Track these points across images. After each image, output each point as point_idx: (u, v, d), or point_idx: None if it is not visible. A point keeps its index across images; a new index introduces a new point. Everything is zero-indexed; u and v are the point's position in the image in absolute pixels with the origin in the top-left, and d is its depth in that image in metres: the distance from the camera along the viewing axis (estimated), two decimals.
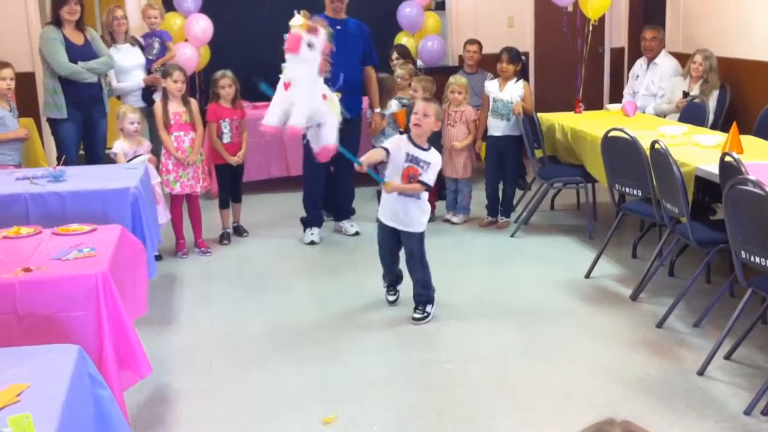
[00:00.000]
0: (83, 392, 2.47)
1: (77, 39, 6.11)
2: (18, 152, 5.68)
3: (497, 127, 6.24)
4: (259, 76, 4.53)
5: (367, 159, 4.35)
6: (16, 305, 3.08)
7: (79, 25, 6.14)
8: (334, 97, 4.67)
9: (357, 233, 6.20)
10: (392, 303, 4.77)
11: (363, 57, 5.96)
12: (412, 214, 4.45)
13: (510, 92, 6.19)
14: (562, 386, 3.69)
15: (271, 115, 4.42)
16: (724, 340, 3.81)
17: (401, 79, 6.67)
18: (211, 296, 5.02)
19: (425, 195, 4.48)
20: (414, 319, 4.50)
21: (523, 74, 6.31)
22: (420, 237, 4.51)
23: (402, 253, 4.65)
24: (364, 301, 4.84)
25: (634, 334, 4.23)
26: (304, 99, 4.40)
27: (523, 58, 6.32)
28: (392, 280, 4.77)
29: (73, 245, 3.50)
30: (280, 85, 4.47)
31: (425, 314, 4.51)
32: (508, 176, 6.35)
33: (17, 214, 4.23)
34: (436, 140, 5.24)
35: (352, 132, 6.02)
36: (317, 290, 5.06)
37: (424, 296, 4.55)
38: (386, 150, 4.39)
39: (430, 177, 4.39)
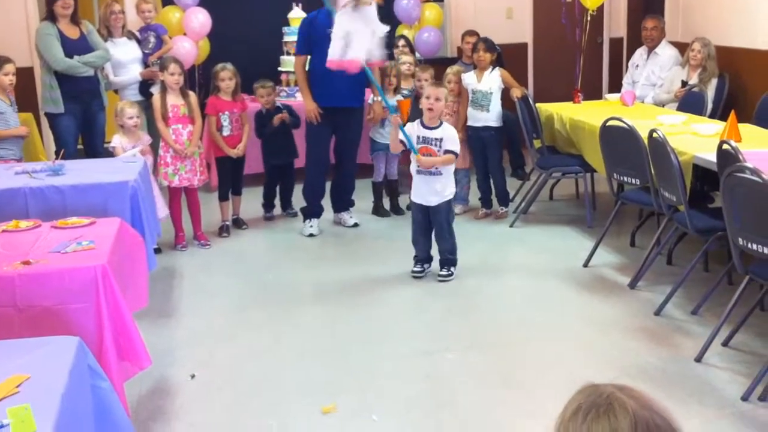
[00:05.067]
0: (83, 384, 2.48)
1: (73, 33, 6.11)
2: (18, 147, 5.70)
3: (477, 118, 6.21)
4: None
5: (393, 140, 4.95)
6: (15, 298, 3.09)
7: (74, 19, 6.14)
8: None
9: (356, 225, 6.21)
10: (415, 275, 5.00)
11: None
12: (437, 187, 4.87)
13: (488, 82, 6.18)
14: (562, 374, 3.70)
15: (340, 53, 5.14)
16: (722, 327, 3.83)
17: (408, 65, 6.65)
18: (211, 288, 5.03)
19: (448, 170, 4.89)
20: (440, 275, 4.96)
21: (498, 63, 6.29)
22: (446, 208, 4.94)
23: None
24: (364, 292, 4.86)
25: (632, 322, 4.25)
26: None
27: (498, 48, 6.32)
28: (422, 258, 5.06)
29: (72, 238, 3.52)
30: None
31: (450, 272, 4.97)
32: (493, 167, 6.30)
33: (17, 209, 4.23)
34: None
35: (355, 121, 6.04)
36: (317, 282, 5.08)
37: (449, 260, 4.99)
38: (402, 143, 4.90)
39: (452, 146, 4.84)
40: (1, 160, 5.50)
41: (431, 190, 4.88)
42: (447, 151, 4.83)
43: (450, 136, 4.85)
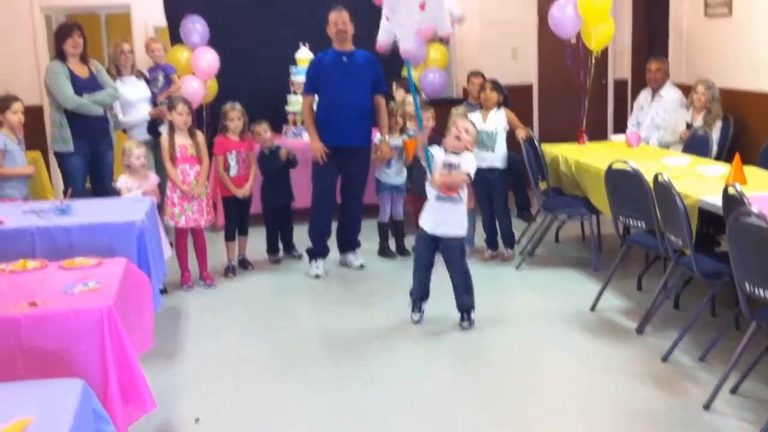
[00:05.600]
0: (87, 428, 2.47)
1: (82, 72, 6.17)
2: (25, 186, 5.72)
3: (482, 159, 6.15)
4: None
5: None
6: (21, 339, 3.09)
7: (84, 58, 6.20)
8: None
9: (362, 266, 6.20)
10: (416, 322, 4.93)
11: (372, 86, 6.00)
12: (455, 216, 4.80)
13: (493, 122, 6.22)
14: (570, 419, 3.67)
15: (382, 37, 5.07)
16: (730, 373, 3.79)
17: (411, 105, 6.67)
18: (216, 329, 5.02)
19: (465, 198, 4.82)
20: (463, 327, 4.84)
21: (504, 105, 6.34)
22: (459, 243, 4.86)
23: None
24: (371, 334, 4.84)
25: (640, 368, 4.22)
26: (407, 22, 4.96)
27: (505, 91, 6.37)
28: (420, 295, 4.97)
29: (78, 279, 3.52)
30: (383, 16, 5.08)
31: (472, 320, 4.86)
32: (498, 209, 6.29)
33: (24, 248, 4.24)
34: None
35: (361, 161, 6.06)
36: (323, 324, 5.06)
37: (468, 303, 4.87)
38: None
39: (470, 168, 4.76)
40: (7, 199, 5.52)
41: (449, 217, 4.78)
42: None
43: (468, 160, 4.78)
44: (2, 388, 2.56)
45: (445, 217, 4.80)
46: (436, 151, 4.84)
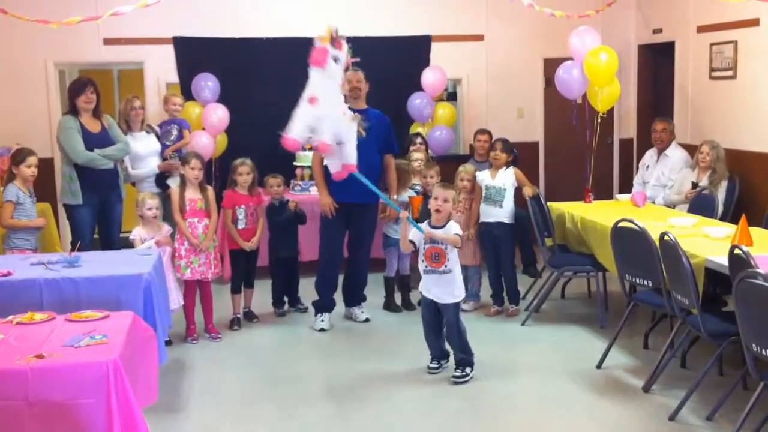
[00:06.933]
0: None
1: (94, 127, 6.25)
2: (35, 237, 5.80)
3: (490, 214, 6.27)
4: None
5: (403, 239, 4.91)
6: (27, 392, 3.11)
7: (96, 113, 6.29)
8: (353, 115, 5.08)
9: (367, 320, 6.20)
10: (431, 371, 5.01)
11: (383, 145, 6.06)
12: (444, 287, 4.87)
13: (502, 179, 6.28)
14: None
15: (294, 129, 4.76)
16: None
17: (419, 162, 6.73)
18: (221, 383, 5.00)
19: (457, 268, 4.88)
20: (454, 377, 4.88)
21: (513, 164, 6.41)
22: (454, 307, 4.90)
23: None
24: (375, 389, 4.82)
25: (646, 427, 4.18)
26: (331, 115, 4.76)
27: (515, 151, 6.45)
28: (437, 355, 5.05)
29: (85, 332, 3.54)
30: (303, 100, 4.78)
31: (464, 374, 4.89)
32: (505, 264, 6.32)
33: (31, 299, 4.28)
34: None
35: (369, 217, 6.10)
36: (327, 378, 5.04)
37: (463, 360, 4.93)
38: (413, 242, 4.88)
39: (457, 230, 4.86)
40: (17, 250, 5.59)
41: (439, 288, 4.88)
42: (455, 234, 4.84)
43: (454, 228, 4.87)
44: None
45: (436, 287, 4.90)
46: (422, 228, 4.89)
